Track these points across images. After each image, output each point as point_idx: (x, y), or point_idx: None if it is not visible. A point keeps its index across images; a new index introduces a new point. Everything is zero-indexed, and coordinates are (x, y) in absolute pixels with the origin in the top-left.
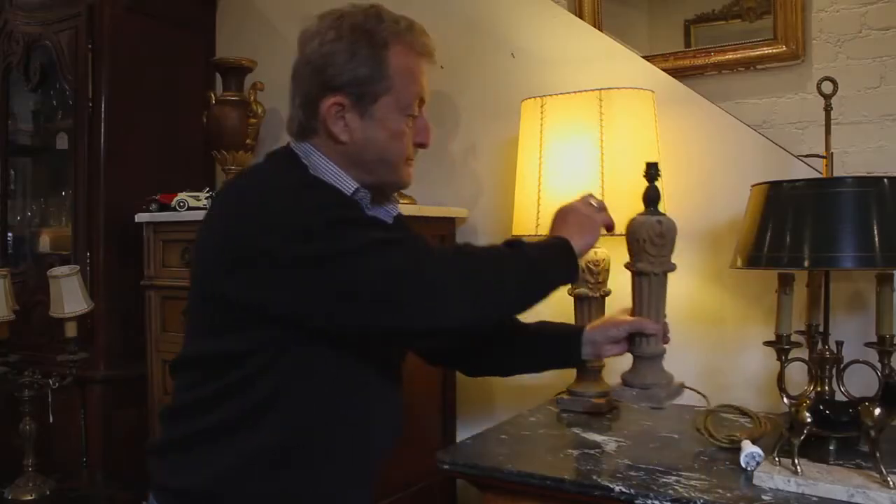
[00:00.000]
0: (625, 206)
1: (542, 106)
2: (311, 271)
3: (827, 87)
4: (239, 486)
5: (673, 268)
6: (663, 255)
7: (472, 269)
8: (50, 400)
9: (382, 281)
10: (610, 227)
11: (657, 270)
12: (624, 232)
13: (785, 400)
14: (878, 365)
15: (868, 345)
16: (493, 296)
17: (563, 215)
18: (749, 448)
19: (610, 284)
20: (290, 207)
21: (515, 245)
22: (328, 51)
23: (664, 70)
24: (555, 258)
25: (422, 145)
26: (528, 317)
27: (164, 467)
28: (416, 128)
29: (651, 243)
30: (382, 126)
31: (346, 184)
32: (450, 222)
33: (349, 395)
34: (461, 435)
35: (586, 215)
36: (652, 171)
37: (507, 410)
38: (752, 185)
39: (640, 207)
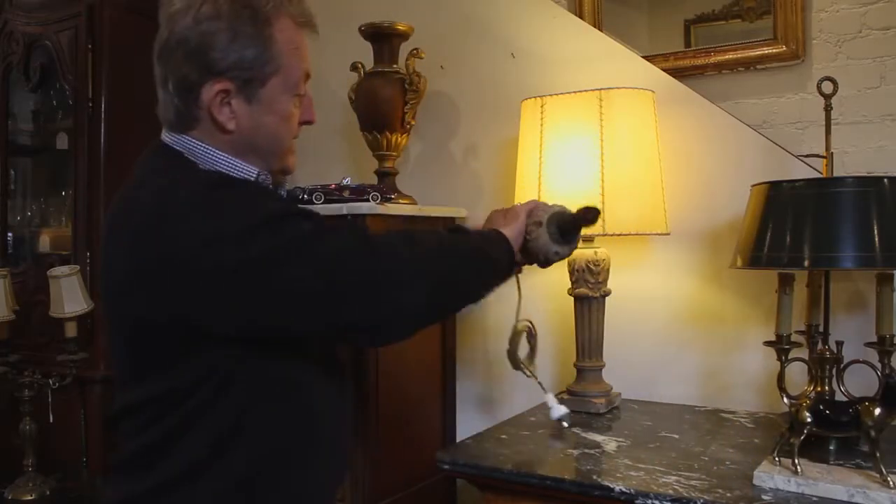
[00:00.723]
0: (625, 206)
1: (542, 106)
2: (260, 276)
3: (827, 87)
4: None
5: None
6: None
7: (427, 257)
8: (50, 400)
9: (342, 275)
10: None
11: None
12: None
13: (785, 400)
14: (878, 365)
15: (868, 345)
16: (449, 280)
17: (494, 217)
18: (555, 408)
19: (610, 284)
20: (211, 216)
21: (460, 231)
22: (206, 30)
23: (664, 70)
24: (496, 244)
25: (308, 122)
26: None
27: None
28: (303, 106)
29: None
30: (271, 110)
31: (247, 170)
32: (450, 222)
33: (309, 402)
34: (461, 435)
35: (511, 211)
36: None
37: (507, 410)
38: (752, 185)
39: (640, 207)
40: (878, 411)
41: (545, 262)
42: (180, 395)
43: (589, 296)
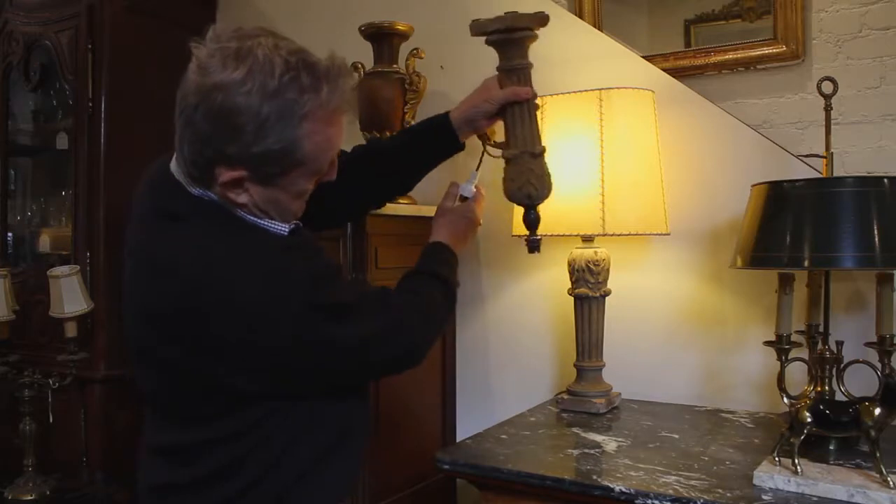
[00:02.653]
0: (625, 206)
1: (542, 106)
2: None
3: (827, 87)
4: None
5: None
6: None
7: (422, 310)
8: (50, 400)
9: (372, 358)
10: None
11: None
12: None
13: (785, 400)
14: (878, 365)
15: (868, 345)
16: (439, 321)
17: (440, 220)
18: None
19: (610, 284)
20: (267, 290)
21: (430, 274)
22: (238, 121)
23: (664, 70)
24: (451, 269)
25: (329, 181)
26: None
27: None
28: (330, 170)
29: None
30: (287, 191)
31: (280, 229)
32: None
33: (347, 423)
34: (461, 435)
35: (460, 221)
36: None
37: (507, 410)
38: (752, 185)
39: (640, 207)
40: (878, 411)
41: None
42: (223, 443)
43: (589, 296)
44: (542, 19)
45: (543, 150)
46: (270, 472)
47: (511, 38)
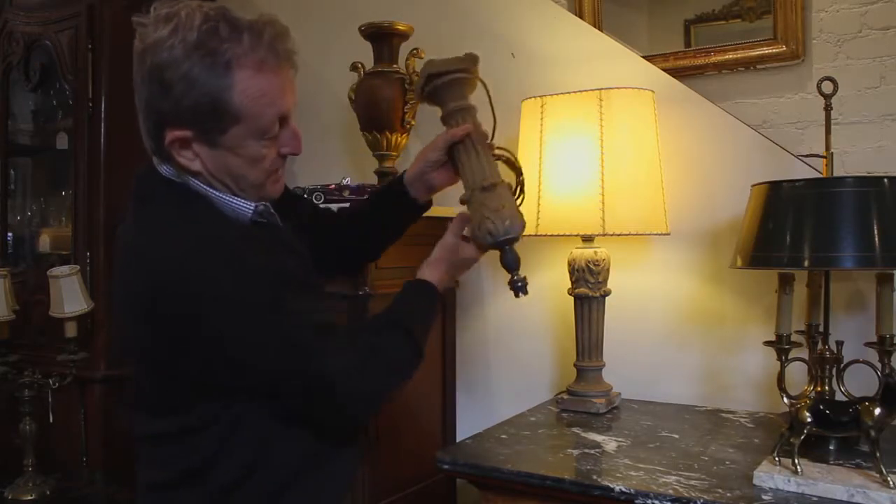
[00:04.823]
0: (625, 206)
1: (542, 106)
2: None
3: (827, 87)
4: None
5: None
6: None
7: (376, 372)
8: (50, 400)
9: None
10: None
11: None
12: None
13: (785, 400)
14: (878, 365)
15: (868, 345)
16: (390, 383)
17: (439, 255)
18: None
19: (610, 284)
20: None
21: (399, 328)
22: (165, 76)
23: (664, 70)
24: (425, 324)
25: (292, 153)
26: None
27: None
28: (282, 140)
29: None
30: (236, 154)
31: (244, 207)
32: (450, 222)
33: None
34: (461, 435)
35: (458, 260)
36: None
37: (507, 410)
38: (752, 185)
39: (640, 207)
40: (878, 411)
41: (492, 240)
42: (195, 434)
43: (589, 296)
44: (470, 59)
45: (496, 183)
46: (249, 475)
47: (440, 83)
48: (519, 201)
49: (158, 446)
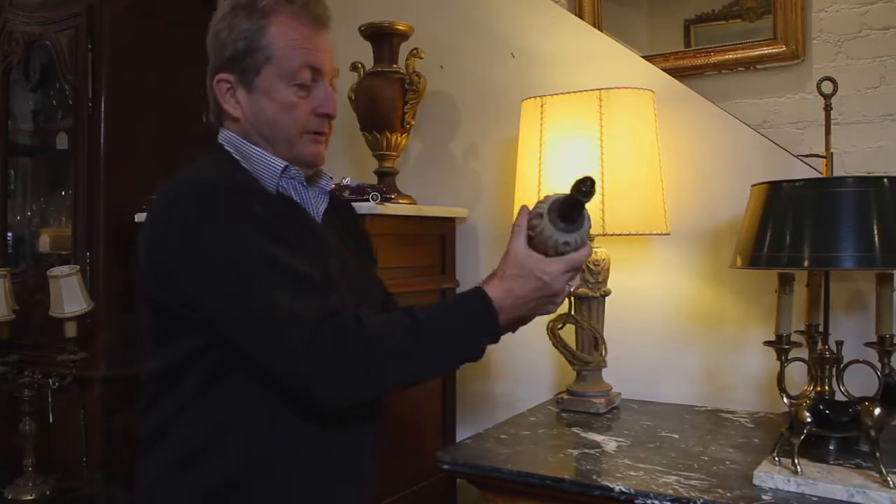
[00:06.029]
0: (625, 206)
1: (542, 106)
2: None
3: (827, 87)
4: None
5: None
6: None
7: (365, 352)
8: (50, 400)
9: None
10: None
11: None
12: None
13: (785, 400)
14: (878, 365)
15: (868, 345)
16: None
17: (526, 275)
18: None
19: (610, 284)
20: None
21: (420, 327)
22: (214, 31)
23: (664, 70)
24: (460, 321)
25: (326, 115)
26: None
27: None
28: (315, 97)
29: None
30: (269, 98)
31: (273, 164)
32: (450, 222)
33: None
34: (461, 435)
35: (548, 295)
36: (585, 188)
37: (507, 410)
38: (752, 185)
39: (640, 207)
40: (877, 411)
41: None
42: (177, 376)
43: (589, 296)
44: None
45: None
46: (223, 439)
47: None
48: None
49: (153, 391)
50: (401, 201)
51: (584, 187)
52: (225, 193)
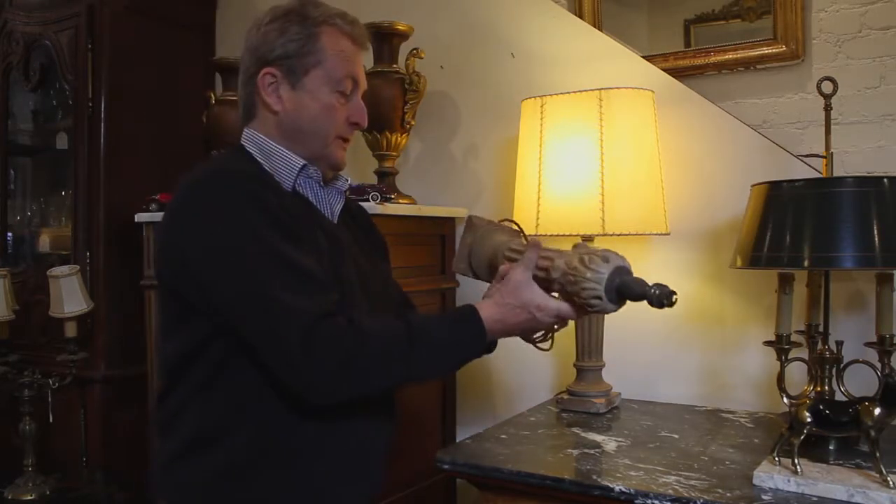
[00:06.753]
0: (624, 206)
1: (542, 106)
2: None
3: (827, 87)
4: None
5: None
6: None
7: (354, 358)
8: (50, 400)
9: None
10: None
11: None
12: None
13: (785, 400)
14: (878, 365)
15: (868, 345)
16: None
17: (521, 307)
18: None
19: None
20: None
21: (413, 342)
22: (263, 31)
23: (664, 70)
24: (449, 335)
25: (357, 125)
26: None
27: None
28: (351, 108)
29: None
30: (313, 97)
31: (293, 161)
32: (450, 222)
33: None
34: (461, 435)
35: (534, 327)
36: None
37: (507, 410)
38: (752, 185)
39: (640, 207)
40: (877, 411)
41: (581, 305)
42: (187, 363)
43: None
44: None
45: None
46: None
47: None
48: None
49: (165, 380)
50: (401, 201)
51: (665, 301)
52: (242, 185)
